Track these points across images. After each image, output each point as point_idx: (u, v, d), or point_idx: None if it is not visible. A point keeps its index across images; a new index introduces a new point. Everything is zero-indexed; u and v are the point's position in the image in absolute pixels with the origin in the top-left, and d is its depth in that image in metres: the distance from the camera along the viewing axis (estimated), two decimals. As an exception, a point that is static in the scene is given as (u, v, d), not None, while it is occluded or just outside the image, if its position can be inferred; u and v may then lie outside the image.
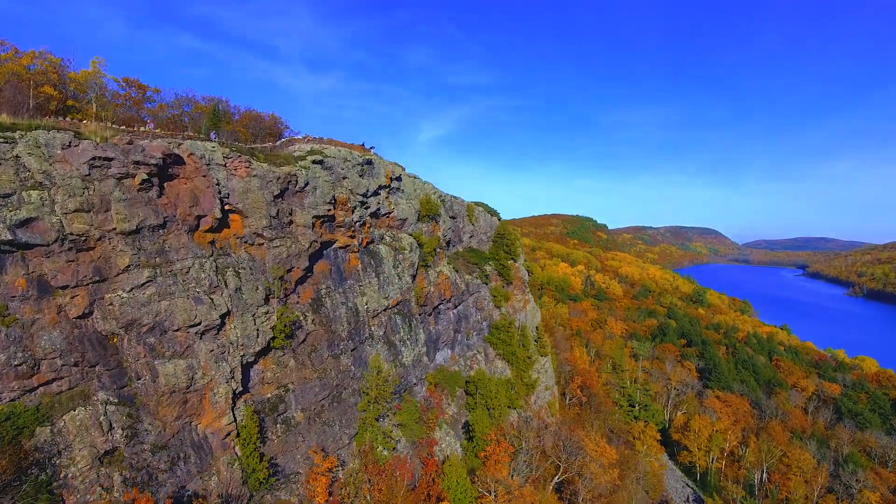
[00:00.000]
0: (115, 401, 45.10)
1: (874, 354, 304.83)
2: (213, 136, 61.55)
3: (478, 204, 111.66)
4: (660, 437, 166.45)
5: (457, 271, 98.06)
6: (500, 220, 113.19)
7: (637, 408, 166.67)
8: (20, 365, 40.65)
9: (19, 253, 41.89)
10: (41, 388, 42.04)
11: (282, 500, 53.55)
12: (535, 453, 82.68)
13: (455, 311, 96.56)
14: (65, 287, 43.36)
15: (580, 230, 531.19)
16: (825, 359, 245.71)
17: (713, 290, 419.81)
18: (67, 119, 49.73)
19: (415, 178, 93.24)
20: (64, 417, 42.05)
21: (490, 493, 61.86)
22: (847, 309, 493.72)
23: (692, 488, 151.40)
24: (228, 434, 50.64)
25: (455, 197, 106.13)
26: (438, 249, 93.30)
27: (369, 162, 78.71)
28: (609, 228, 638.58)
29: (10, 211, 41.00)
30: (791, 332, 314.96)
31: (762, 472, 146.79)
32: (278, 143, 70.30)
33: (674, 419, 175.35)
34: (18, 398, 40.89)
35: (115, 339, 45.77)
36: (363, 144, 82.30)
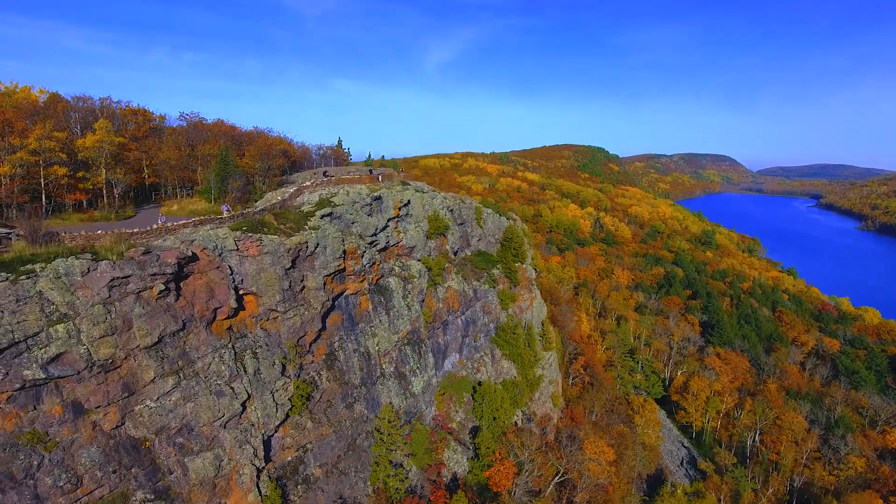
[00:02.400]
0: (152, 497, 49.71)
1: (878, 297, 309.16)
2: (225, 208, 62.36)
3: (485, 204, 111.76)
4: (661, 394, 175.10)
5: (464, 279, 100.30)
6: (508, 219, 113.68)
7: (638, 375, 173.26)
8: (65, 484, 44.85)
9: (53, 383, 44.88)
10: (85, 498, 46.47)
11: (305, 551, 59.54)
12: (537, 463, 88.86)
13: (463, 317, 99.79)
14: (97, 406, 46.70)
15: (591, 163, 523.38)
16: (828, 309, 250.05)
17: (723, 228, 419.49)
18: (82, 215, 50.91)
19: (423, 193, 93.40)
20: (108, 523, 46.75)
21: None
22: (856, 246, 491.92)
23: (687, 448, 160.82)
24: (255, 506, 55.68)
25: (463, 200, 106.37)
26: (447, 265, 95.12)
27: (378, 198, 79.11)
28: (621, 158, 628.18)
29: (40, 349, 43.55)
30: (798, 276, 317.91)
31: (756, 433, 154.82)
32: (287, 195, 70.66)
33: (674, 378, 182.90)
34: (66, 508, 45.41)
35: (148, 444, 49.72)
36: (370, 172, 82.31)
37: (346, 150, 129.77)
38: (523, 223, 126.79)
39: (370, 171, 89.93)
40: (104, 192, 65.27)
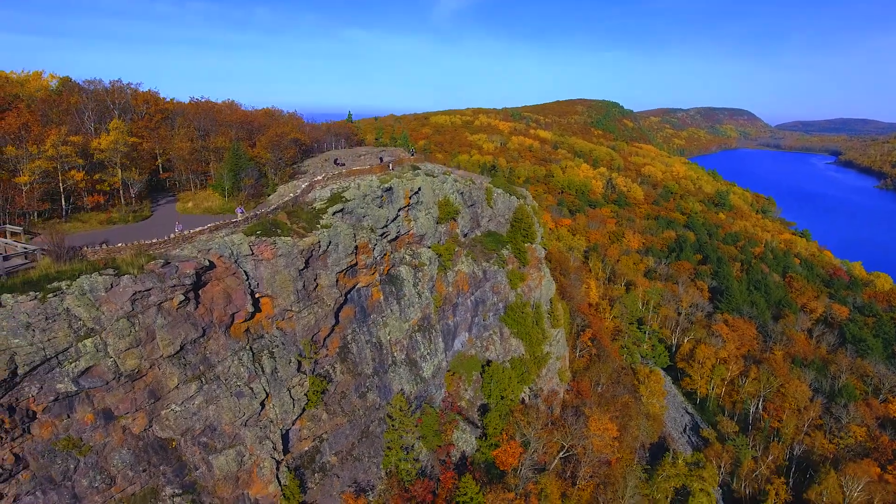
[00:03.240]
0: (180, 491, 53.36)
1: (893, 260, 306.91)
2: (239, 210, 63.67)
3: (495, 184, 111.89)
4: (667, 364, 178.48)
5: (474, 261, 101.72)
6: (519, 198, 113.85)
7: (644, 346, 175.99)
8: (99, 484, 48.32)
9: (84, 393, 47.65)
10: (119, 495, 50.07)
11: (323, 533, 63.79)
12: (543, 441, 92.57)
13: (472, 297, 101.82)
14: (126, 412, 49.64)
15: (605, 119, 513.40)
16: (839, 275, 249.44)
17: (737, 187, 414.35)
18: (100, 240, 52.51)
19: (433, 178, 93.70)
20: (141, 518, 50.50)
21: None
22: (874, 206, 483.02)
23: (691, 415, 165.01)
24: (275, 495, 59.42)
25: (473, 181, 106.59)
26: (457, 249, 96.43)
27: (388, 188, 79.86)
28: (636, 113, 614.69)
29: (71, 364, 46.13)
30: (811, 239, 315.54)
31: (759, 401, 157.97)
32: (300, 191, 71.60)
33: (681, 345, 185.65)
34: (102, 503, 49.12)
35: (174, 444, 52.95)
36: (381, 160, 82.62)
37: (353, 122, 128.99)
38: (533, 200, 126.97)
39: (381, 160, 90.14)
40: (121, 191, 66.63)
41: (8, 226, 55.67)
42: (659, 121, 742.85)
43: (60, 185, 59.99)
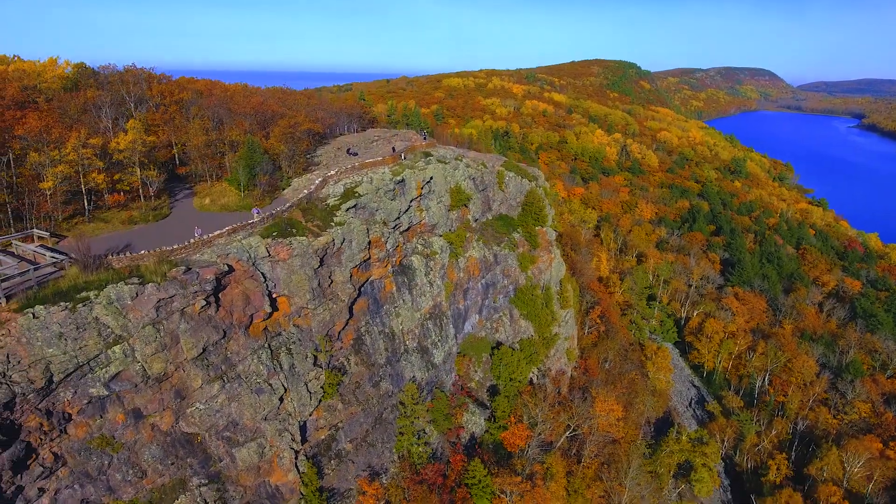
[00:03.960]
0: (206, 481, 56.97)
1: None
2: (255, 211, 65.27)
3: (507, 167, 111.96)
4: (675, 340, 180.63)
5: (485, 245, 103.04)
6: (530, 180, 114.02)
7: (653, 321, 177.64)
8: (132, 478, 51.86)
9: (114, 395, 50.60)
10: (150, 486, 53.68)
11: (339, 514, 67.83)
12: (549, 422, 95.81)
13: (483, 281, 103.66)
14: (154, 412, 52.72)
15: (621, 80, 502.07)
16: (854, 247, 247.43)
17: (755, 153, 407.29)
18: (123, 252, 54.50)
19: (445, 164, 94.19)
20: (171, 507, 54.29)
21: (506, 496, 75.40)
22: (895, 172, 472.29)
23: (697, 388, 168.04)
24: (295, 482, 63.08)
25: (485, 165, 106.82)
26: (468, 234, 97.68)
27: (401, 181, 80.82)
28: (653, 73, 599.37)
29: (102, 369, 48.92)
30: (828, 208, 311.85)
31: (766, 376, 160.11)
32: (313, 187, 72.78)
33: (690, 319, 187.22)
34: (135, 495, 52.80)
35: (199, 438, 56.21)
36: (393, 150, 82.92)
37: (364, 88, 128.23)
38: (545, 181, 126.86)
39: (393, 150, 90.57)
40: (140, 190, 68.34)
41: (35, 230, 57.87)
42: (677, 81, 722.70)
43: (82, 186, 61.75)
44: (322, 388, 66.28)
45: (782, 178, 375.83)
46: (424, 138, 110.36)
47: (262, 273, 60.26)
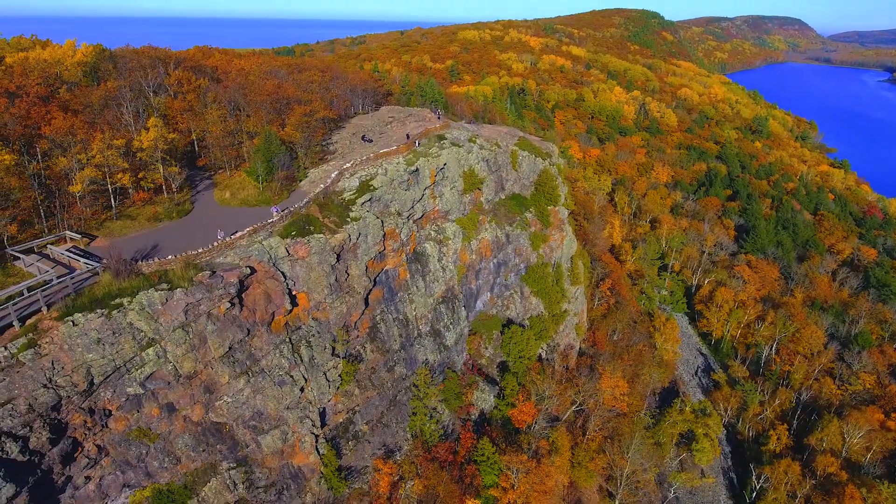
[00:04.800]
0: (234, 465, 61.94)
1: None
2: (274, 210, 67.55)
3: (521, 146, 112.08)
4: (685, 311, 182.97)
5: (497, 225, 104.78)
6: (543, 159, 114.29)
7: (663, 292, 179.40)
8: (168, 465, 56.69)
9: (150, 392, 54.71)
10: (184, 470, 58.59)
11: (356, 489, 73.27)
12: (556, 400, 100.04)
13: (495, 260, 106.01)
14: (186, 405, 56.95)
15: (643, 32, 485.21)
16: (873, 212, 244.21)
17: (778, 110, 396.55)
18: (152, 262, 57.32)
19: (458, 147, 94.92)
20: (204, 489, 59.34)
21: (512, 472, 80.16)
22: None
23: (704, 356, 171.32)
24: (315, 463, 67.99)
25: (499, 145, 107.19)
26: (481, 217, 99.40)
27: (415, 171, 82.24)
28: (676, 23, 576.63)
29: (137, 370, 52.86)
30: (850, 170, 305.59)
31: (773, 345, 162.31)
32: (329, 180, 74.53)
33: (701, 286, 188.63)
34: (171, 479, 57.81)
35: (228, 427, 60.69)
36: (407, 137, 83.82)
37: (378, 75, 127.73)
38: (559, 158, 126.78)
39: (407, 137, 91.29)
40: (163, 186, 70.76)
41: (67, 232, 60.92)
42: (701, 31, 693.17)
43: (109, 186, 64.32)
44: (340, 376, 70.26)
45: (805, 136, 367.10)
46: (439, 117, 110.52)
47: (282, 272, 63.20)
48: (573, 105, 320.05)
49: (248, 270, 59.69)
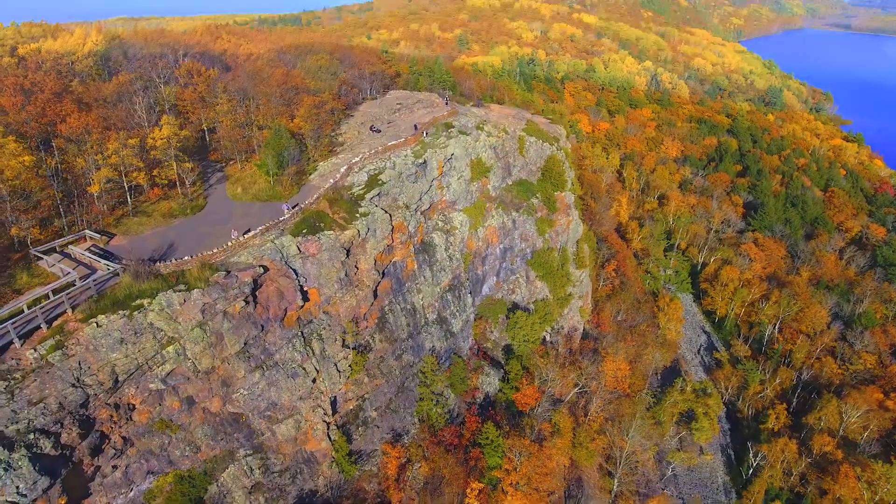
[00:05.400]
0: (251, 452, 65.39)
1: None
2: (285, 207, 69.19)
3: (528, 131, 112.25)
4: (689, 291, 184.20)
5: (504, 211, 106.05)
6: (551, 143, 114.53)
7: (668, 271, 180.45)
8: (189, 453, 60.11)
9: (171, 387, 57.66)
10: (204, 458, 62.05)
11: (366, 471, 77.04)
12: (559, 383, 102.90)
13: (501, 246, 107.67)
14: (205, 398, 59.97)
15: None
16: (885, 189, 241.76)
17: (793, 80, 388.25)
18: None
19: (466, 136, 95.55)
20: (223, 475, 62.91)
21: (514, 455, 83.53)
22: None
23: (707, 334, 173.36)
24: (327, 448, 71.44)
25: (506, 131, 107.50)
26: (488, 204, 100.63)
27: (423, 163, 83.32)
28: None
29: (158, 367, 55.70)
30: (864, 144, 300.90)
31: (776, 324, 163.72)
32: (339, 175, 75.90)
33: (707, 265, 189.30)
34: (191, 466, 61.33)
35: (244, 417, 63.87)
36: (415, 128, 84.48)
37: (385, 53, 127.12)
38: (567, 142, 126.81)
39: (415, 128, 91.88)
40: (177, 182, 72.43)
41: (87, 231, 63.03)
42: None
43: (125, 184, 66.17)
44: (350, 366, 73.12)
45: (819, 108, 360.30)
46: (446, 103, 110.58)
47: (293, 269, 65.38)
48: (583, 76, 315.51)
49: (262, 269, 61.87)
